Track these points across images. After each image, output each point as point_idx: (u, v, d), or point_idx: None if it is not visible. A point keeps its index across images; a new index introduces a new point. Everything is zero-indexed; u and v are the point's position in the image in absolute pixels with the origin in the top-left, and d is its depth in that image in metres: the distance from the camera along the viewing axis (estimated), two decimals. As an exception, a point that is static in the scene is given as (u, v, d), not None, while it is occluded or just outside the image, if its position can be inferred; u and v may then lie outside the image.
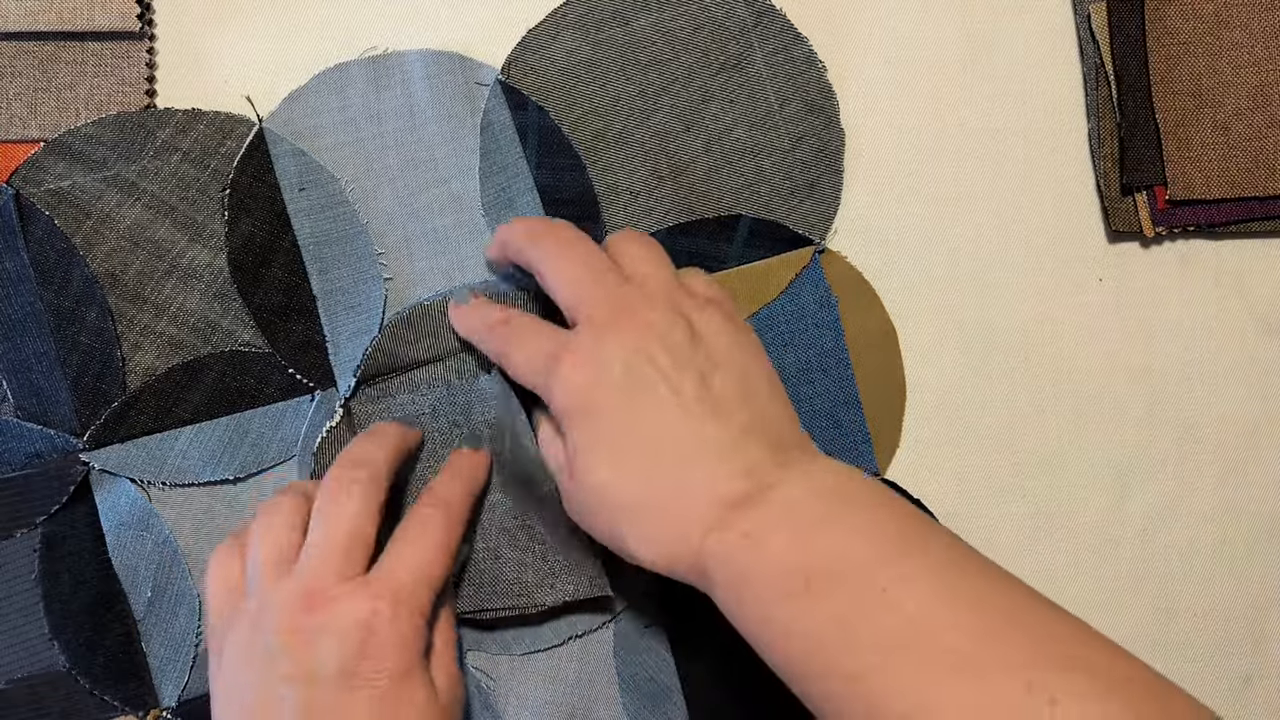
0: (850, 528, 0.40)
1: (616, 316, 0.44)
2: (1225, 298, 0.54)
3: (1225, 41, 0.53)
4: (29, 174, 0.51)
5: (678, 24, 0.53)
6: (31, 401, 0.51)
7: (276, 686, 0.42)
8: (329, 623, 0.42)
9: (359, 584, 0.43)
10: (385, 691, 0.42)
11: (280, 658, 0.42)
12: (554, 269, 0.46)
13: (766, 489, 0.41)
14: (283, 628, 0.42)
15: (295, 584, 0.43)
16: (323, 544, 0.44)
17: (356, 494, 0.45)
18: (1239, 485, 0.54)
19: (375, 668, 0.42)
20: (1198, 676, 0.53)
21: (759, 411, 0.44)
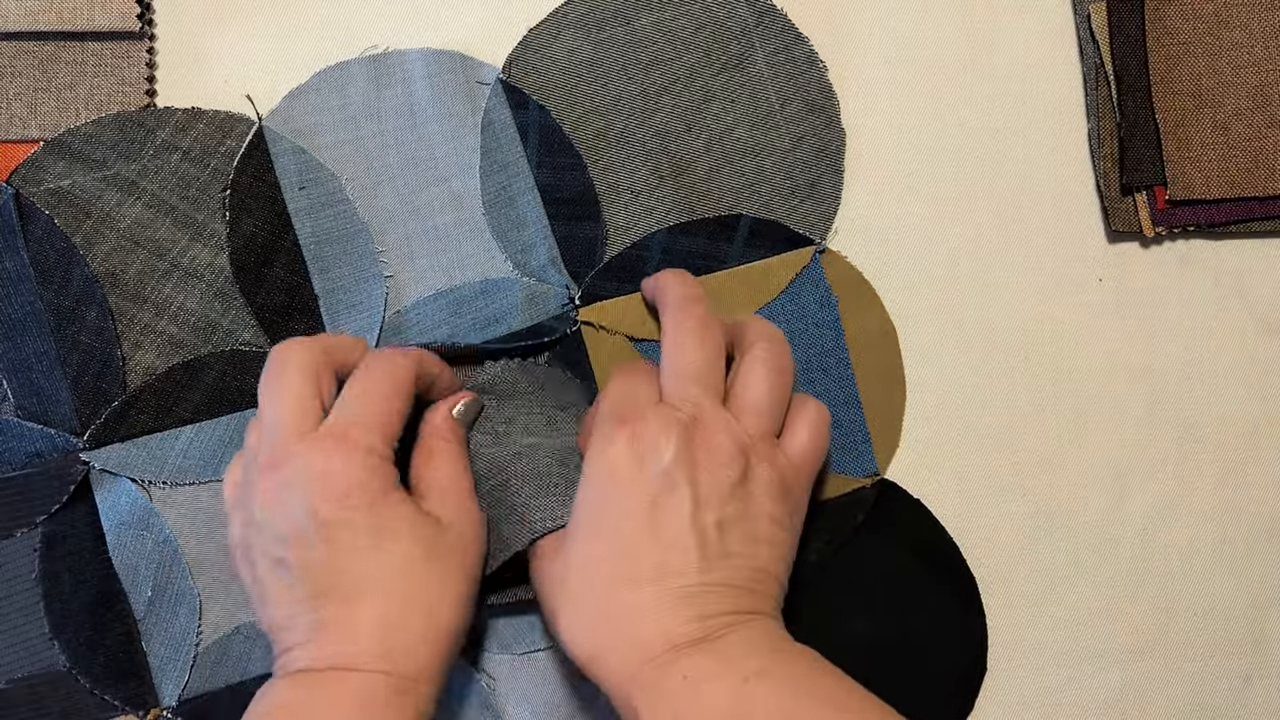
0: (790, 684, 0.41)
1: (693, 424, 0.44)
2: (1225, 298, 0.54)
3: (1225, 41, 0.53)
4: (29, 174, 0.51)
5: (679, 24, 0.53)
6: (32, 401, 0.51)
7: (271, 553, 0.43)
8: (289, 477, 0.43)
9: (310, 438, 0.43)
10: (363, 525, 0.43)
11: (265, 527, 0.44)
12: (676, 345, 0.46)
13: (714, 638, 0.42)
14: (259, 499, 0.44)
15: (262, 457, 0.44)
16: (274, 413, 0.44)
17: (291, 363, 0.45)
18: (1239, 485, 0.54)
19: (339, 505, 0.43)
20: (1198, 676, 0.53)
21: (751, 570, 0.44)
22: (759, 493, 0.44)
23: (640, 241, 0.52)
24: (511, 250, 0.52)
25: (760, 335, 0.47)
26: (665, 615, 0.42)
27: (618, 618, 0.43)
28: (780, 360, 0.46)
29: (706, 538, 0.43)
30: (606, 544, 0.43)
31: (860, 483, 0.53)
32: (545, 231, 0.52)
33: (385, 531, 0.43)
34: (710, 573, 0.43)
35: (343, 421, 0.44)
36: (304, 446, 0.43)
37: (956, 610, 0.53)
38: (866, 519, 0.52)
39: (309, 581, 0.43)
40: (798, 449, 0.46)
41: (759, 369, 0.46)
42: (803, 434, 0.46)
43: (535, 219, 0.52)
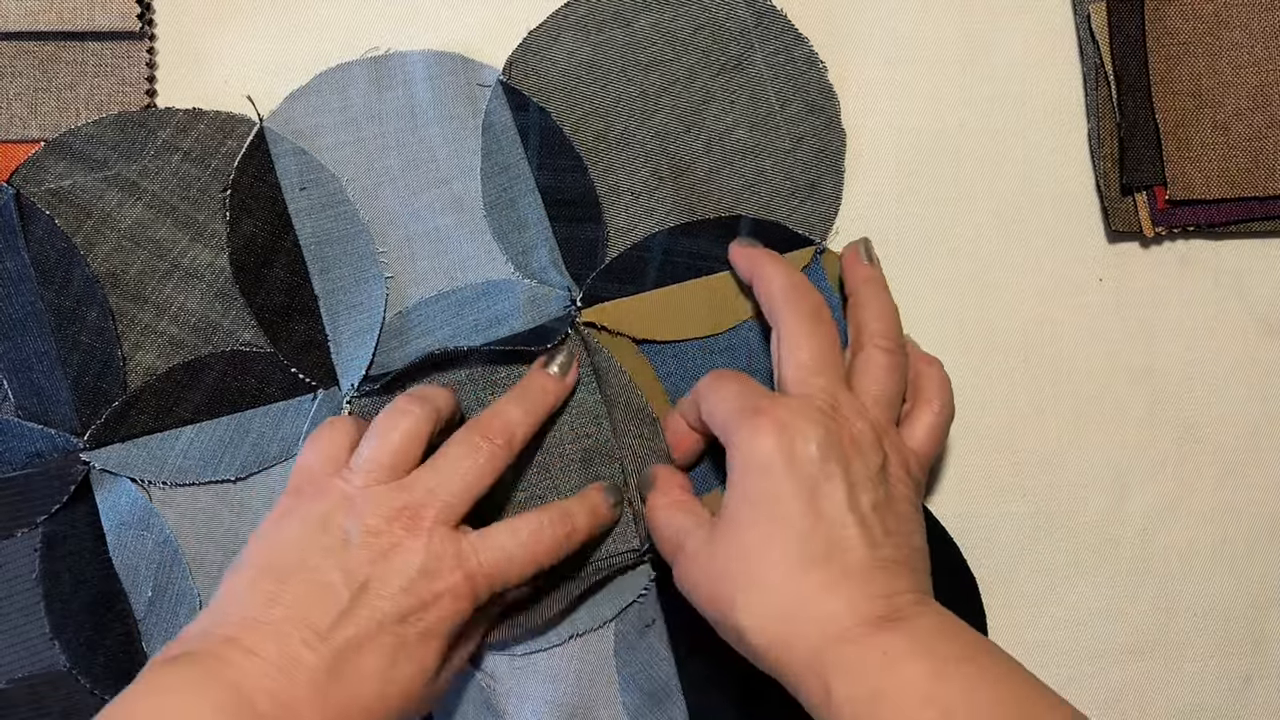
0: (987, 674, 0.41)
1: (832, 411, 0.45)
2: (1225, 298, 0.54)
3: (1225, 41, 0.53)
4: (30, 174, 0.51)
5: (679, 25, 0.53)
6: (32, 401, 0.51)
7: (331, 574, 0.43)
8: (412, 546, 0.44)
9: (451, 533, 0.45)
10: (413, 640, 0.44)
11: (353, 551, 0.44)
12: (795, 337, 0.47)
13: (904, 619, 0.42)
14: (370, 526, 0.44)
15: (401, 496, 0.45)
16: (438, 477, 0.45)
17: (484, 452, 0.46)
18: (1239, 485, 0.54)
19: (421, 614, 0.43)
20: (1198, 676, 0.53)
21: (910, 549, 0.45)
22: (896, 479, 0.45)
23: (641, 243, 0.52)
24: (512, 252, 0.52)
25: (876, 326, 0.48)
26: (851, 590, 0.42)
27: (803, 597, 0.42)
28: (898, 354, 0.48)
29: (866, 519, 0.43)
30: (774, 529, 0.43)
31: (860, 483, 0.53)
32: (546, 233, 0.52)
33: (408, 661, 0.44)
34: (878, 550, 0.43)
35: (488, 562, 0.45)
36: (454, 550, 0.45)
37: (956, 610, 0.53)
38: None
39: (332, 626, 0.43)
40: (919, 441, 0.48)
41: (880, 359, 0.47)
42: (922, 428, 0.48)
43: (536, 221, 0.52)
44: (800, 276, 0.49)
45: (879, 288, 0.50)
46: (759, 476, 0.44)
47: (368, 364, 0.51)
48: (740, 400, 0.46)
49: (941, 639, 0.42)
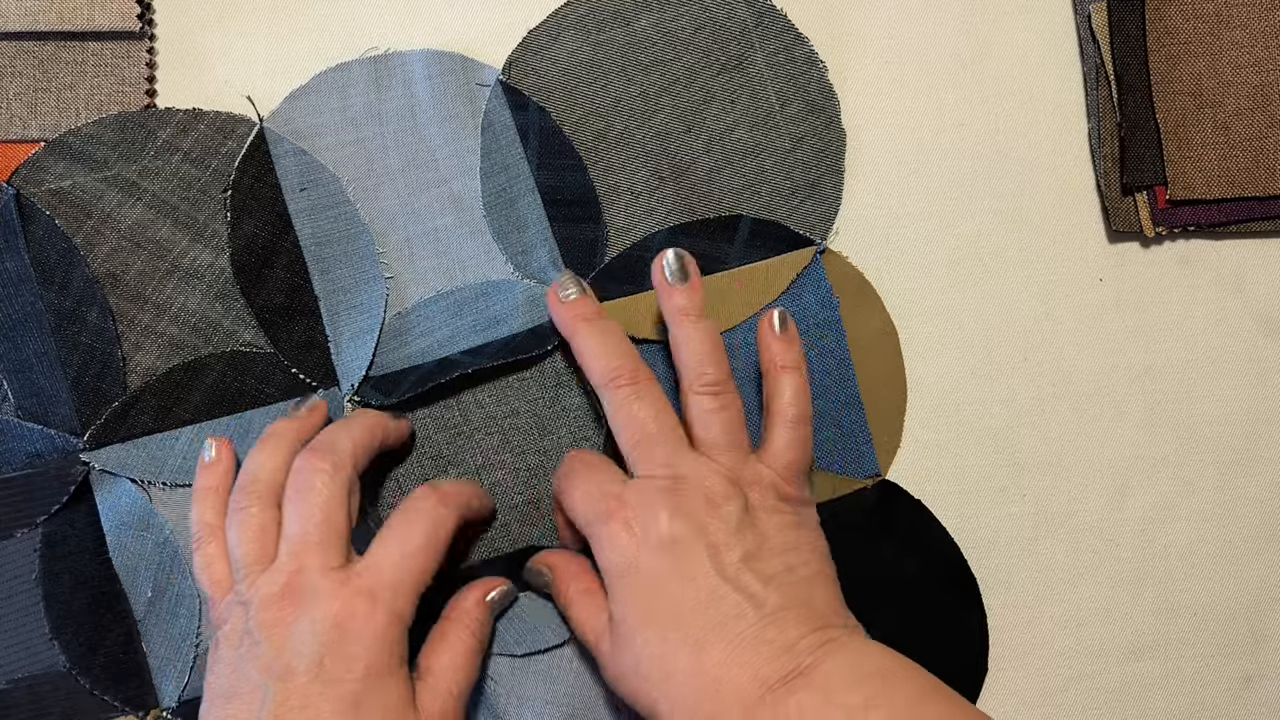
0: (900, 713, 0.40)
1: (677, 482, 0.44)
2: (1225, 298, 0.54)
3: (1225, 41, 0.53)
4: (30, 174, 0.51)
5: (679, 24, 0.53)
6: (32, 401, 0.51)
7: (256, 676, 0.43)
8: (304, 615, 0.43)
9: (339, 579, 0.44)
10: (354, 690, 0.43)
11: (262, 648, 0.43)
12: (624, 412, 0.46)
13: (808, 669, 0.41)
14: (265, 621, 0.44)
15: (276, 577, 0.44)
16: (298, 537, 0.45)
17: (320, 484, 0.45)
18: (1239, 485, 0.54)
19: (346, 666, 0.43)
20: (1198, 676, 0.53)
21: (800, 591, 0.44)
22: (765, 513, 0.45)
23: (641, 242, 0.52)
24: (512, 252, 0.52)
25: (693, 367, 0.47)
26: (749, 657, 0.42)
27: (710, 680, 0.42)
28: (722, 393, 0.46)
29: (740, 578, 0.43)
30: (659, 624, 0.43)
31: (861, 484, 0.53)
32: (546, 233, 0.52)
33: (366, 707, 0.43)
34: (764, 605, 0.43)
35: (374, 575, 0.44)
36: (331, 589, 0.43)
37: (956, 610, 0.53)
38: (868, 520, 0.52)
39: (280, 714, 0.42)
40: (781, 458, 0.47)
41: (704, 404, 0.46)
42: (779, 447, 0.47)
43: (536, 220, 0.52)
44: (616, 344, 0.47)
45: (691, 316, 0.47)
46: (629, 578, 0.44)
47: (368, 364, 0.51)
48: (590, 505, 0.45)
49: (848, 686, 0.41)
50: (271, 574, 0.45)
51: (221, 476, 0.48)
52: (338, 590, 0.44)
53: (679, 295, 0.48)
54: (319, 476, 0.45)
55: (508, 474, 0.52)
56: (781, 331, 0.48)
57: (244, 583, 0.45)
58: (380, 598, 0.44)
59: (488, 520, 0.51)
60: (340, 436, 0.47)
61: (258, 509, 0.46)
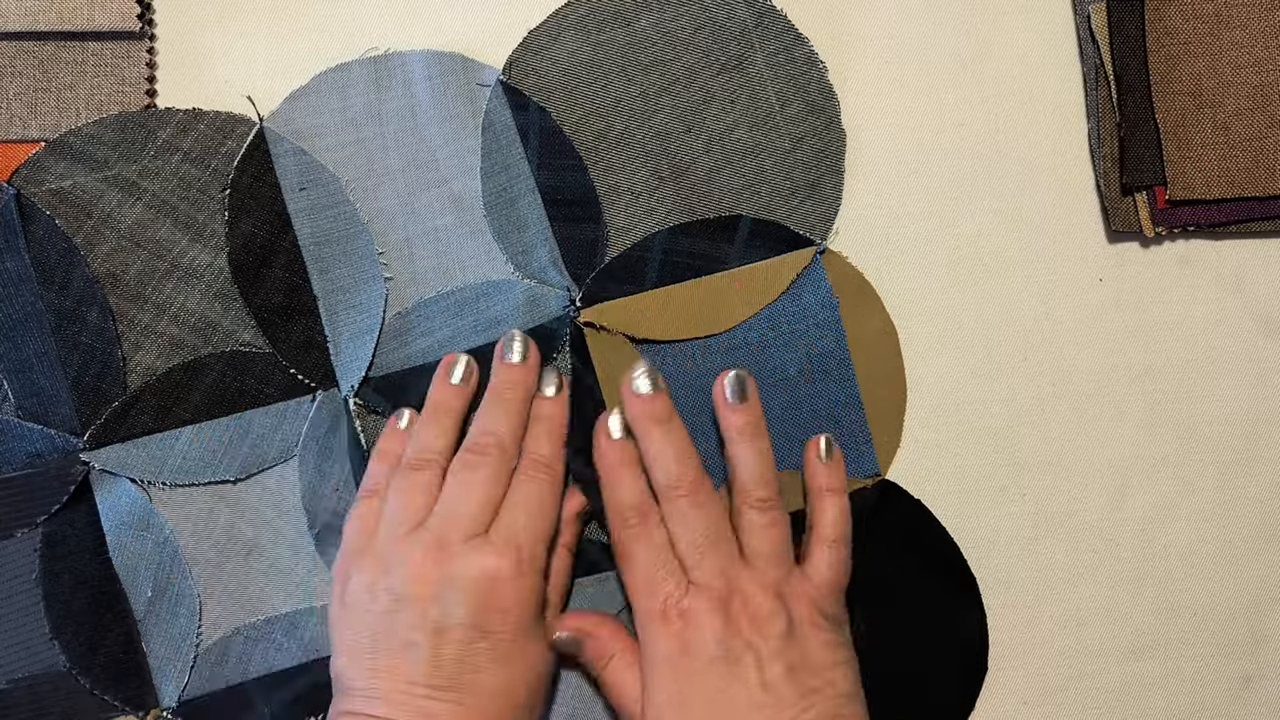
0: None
1: (726, 594, 0.47)
2: (1225, 298, 0.54)
3: (1225, 41, 0.53)
4: (30, 174, 0.51)
5: (679, 25, 0.53)
6: (32, 401, 0.51)
7: (405, 633, 0.46)
8: (456, 575, 0.46)
9: (482, 540, 0.47)
10: (507, 643, 0.46)
11: (410, 606, 0.46)
12: (683, 521, 0.48)
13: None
14: (413, 578, 0.46)
15: (427, 537, 0.47)
16: (454, 506, 0.47)
17: (486, 465, 0.48)
18: (1239, 485, 0.54)
19: (501, 621, 0.46)
20: (1198, 676, 0.53)
21: (835, 708, 0.46)
22: (807, 628, 0.47)
23: (641, 242, 0.52)
24: (512, 252, 0.52)
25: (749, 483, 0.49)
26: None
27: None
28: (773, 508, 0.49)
29: (781, 692, 0.46)
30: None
31: (861, 483, 0.53)
32: (546, 233, 0.52)
33: (515, 658, 0.46)
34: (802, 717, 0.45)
35: (516, 535, 0.47)
36: (479, 548, 0.46)
37: (956, 610, 0.53)
38: (868, 520, 0.52)
39: (433, 671, 0.45)
40: (821, 575, 0.49)
41: (757, 519, 0.48)
42: (821, 566, 0.49)
43: (536, 220, 0.52)
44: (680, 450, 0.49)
45: (748, 437, 0.49)
46: (672, 675, 0.47)
47: (367, 365, 0.51)
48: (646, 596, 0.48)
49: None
50: (420, 534, 0.47)
51: (399, 445, 0.50)
52: (483, 549, 0.46)
53: (738, 415, 0.49)
54: (486, 458, 0.48)
55: None
56: (828, 458, 0.51)
57: (390, 540, 0.47)
58: (522, 557, 0.47)
59: None
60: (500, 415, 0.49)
61: (425, 475, 0.48)
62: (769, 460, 0.49)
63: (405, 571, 0.46)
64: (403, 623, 0.46)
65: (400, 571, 0.46)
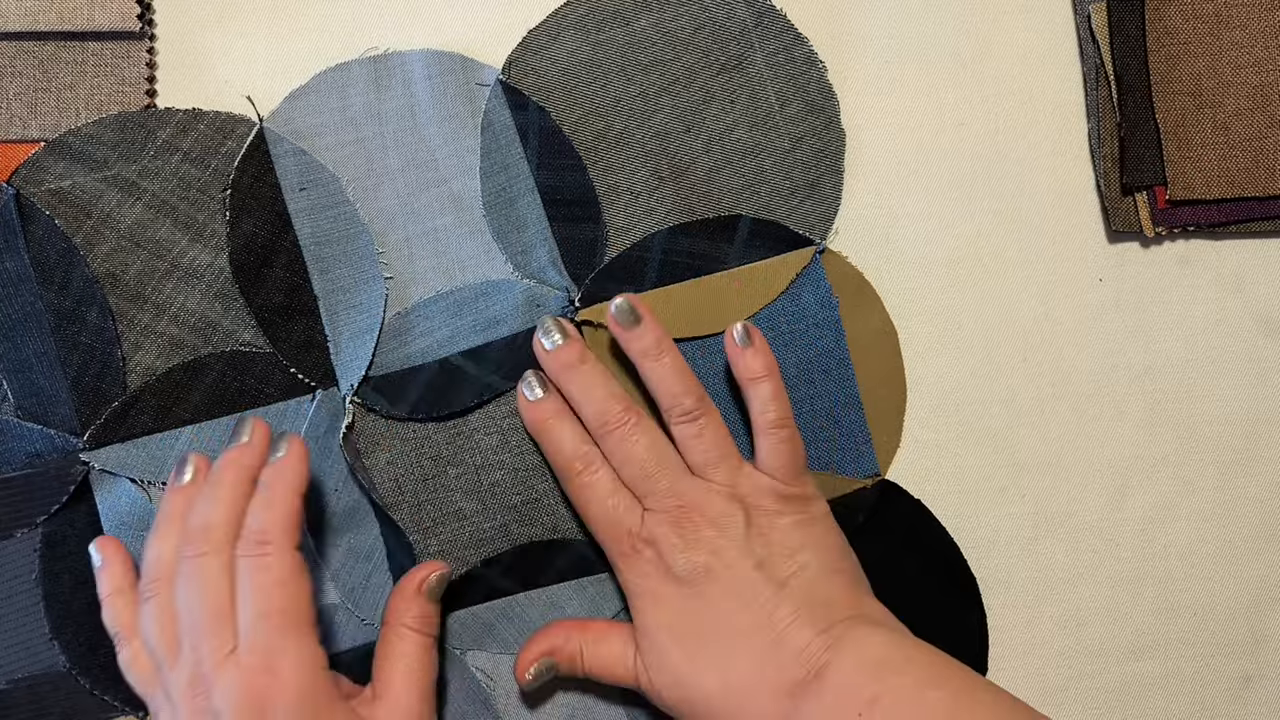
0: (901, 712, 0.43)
1: (681, 509, 0.48)
2: (1225, 298, 0.54)
3: (1225, 41, 0.53)
4: (30, 174, 0.51)
5: (678, 24, 0.53)
6: (32, 401, 0.51)
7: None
8: (220, 705, 0.43)
9: (229, 661, 0.43)
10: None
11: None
12: (621, 451, 0.49)
13: (820, 672, 0.45)
14: (187, 713, 0.44)
15: (181, 674, 0.44)
16: (188, 627, 0.44)
17: (205, 568, 0.44)
18: (1239, 485, 0.54)
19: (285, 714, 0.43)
20: (1198, 676, 0.53)
21: (813, 590, 0.47)
22: (767, 518, 0.48)
23: (640, 242, 0.52)
24: (512, 252, 0.52)
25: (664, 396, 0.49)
26: (766, 674, 0.45)
27: (735, 704, 0.46)
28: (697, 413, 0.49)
29: (755, 586, 0.46)
30: (688, 646, 0.47)
31: (861, 483, 0.53)
32: (545, 233, 0.52)
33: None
34: (779, 608, 0.46)
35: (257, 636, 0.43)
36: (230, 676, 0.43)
37: (956, 610, 0.53)
38: (867, 520, 0.52)
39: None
40: (770, 467, 0.49)
41: (686, 430, 0.49)
42: (767, 453, 0.49)
43: (535, 220, 0.52)
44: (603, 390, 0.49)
45: (655, 355, 0.49)
46: (653, 604, 0.47)
47: (367, 364, 0.51)
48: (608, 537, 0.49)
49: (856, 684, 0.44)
50: (179, 668, 0.44)
51: (123, 577, 0.48)
52: (235, 678, 0.43)
53: (637, 339, 0.49)
54: (199, 561, 0.45)
55: (506, 474, 0.52)
56: (744, 344, 0.49)
57: (164, 676, 0.45)
58: (277, 664, 0.43)
59: None
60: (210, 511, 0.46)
61: (162, 597, 0.45)
62: (682, 370, 0.49)
63: (182, 708, 0.44)
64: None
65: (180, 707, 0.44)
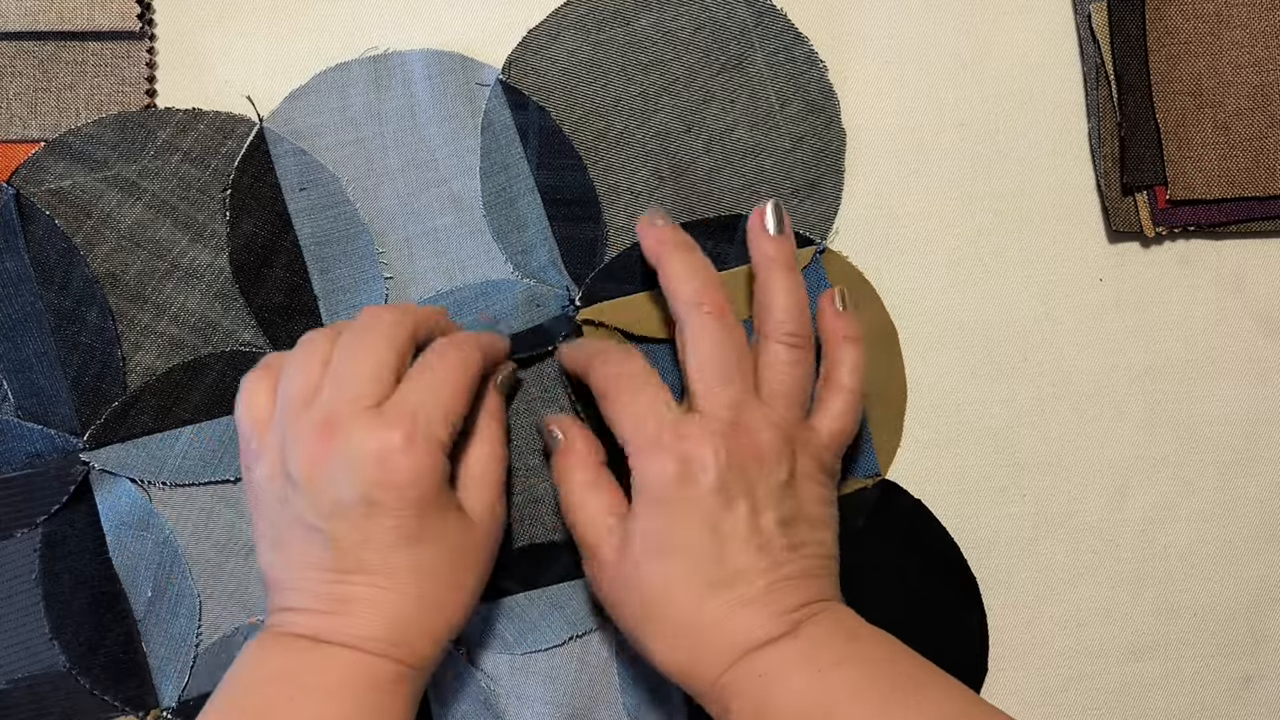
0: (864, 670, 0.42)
1: (735, 427, 0.44)
2: (1225, 298, 0.54)
3: (1225, 41, 0.53)
4: (30, 174, 0.51)
5: (679, 24, 0.53)
6: (32, 401, 0.51)
7: (306, 519, 0.43)
8: (344, 451, 0.42)
9: (373, 413, 0.43)
10: (413, 520, 0.43)
11: (305, 491, 0.43)
12: (706, 337, 0.46)
13: (794, 633, 0.43)
14: (303, 458, 0.43)
15: (315, 414, 0.43)
16: (342, 372, 0.44)
17: (381, 327, 0.45)
18: (1239, 485, 0.54)
19: (398, 498, 0.42)
20: (1198, 676, 0.53)
21: (817, 566, 0.45)
22: (807, 481, 0.46)
23: (641, 242, 0.52)
24: (512, 251, 0.52)
25: (780, 315, 0.47)
26: (746, 619, 0.43)
27: (702, 631, 0.43)
28: (802, 346, 0.47)
29: (770, 540, 0.44)
30: (676, 563, 0.44)
31: (862, 483, 0.53)
32: (545, 233, 0.52)
33: (425, 533, 0.43)
34: (781, 569, 0.44)
35: (412, 406, 0.43)
36: (369, 422, 0.42)
37: (956, 610, 0.53)
38: (868, 520, 0.52)
39: (339, 556, 0.43)
40: (829, 430, 0.47)
41: (783, 355, 0.46)
42: (832, 414, 0.47)
43: (535, 220, 0.52)
44: (706, 274, 0.47)
45: (783, 267, 0.47)
46: (660, 510, 0.44)
47: (367, 364, 0.51)
48: (640, 427, 0.45)
49: (826, 645, 0.43)
50: (311, 411, 0.43)
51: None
52: (372, 422, 0.42)
53: (771, 242, 0.48)
54: (380, 320, 0.45)
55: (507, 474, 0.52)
56: (844, 307, 0.49)
57: (284, 420, 0.44)
58: (417, 427, 0.42)
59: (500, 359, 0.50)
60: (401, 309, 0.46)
61: (320, 341, 0.45)
62: (804, 295, 0.47)
63: (299, 453, 0.43)
64: (301, 509, 0.43)
65: (294, 453, 0.43)
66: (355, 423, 0.42)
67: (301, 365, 0.44)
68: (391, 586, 0.43)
